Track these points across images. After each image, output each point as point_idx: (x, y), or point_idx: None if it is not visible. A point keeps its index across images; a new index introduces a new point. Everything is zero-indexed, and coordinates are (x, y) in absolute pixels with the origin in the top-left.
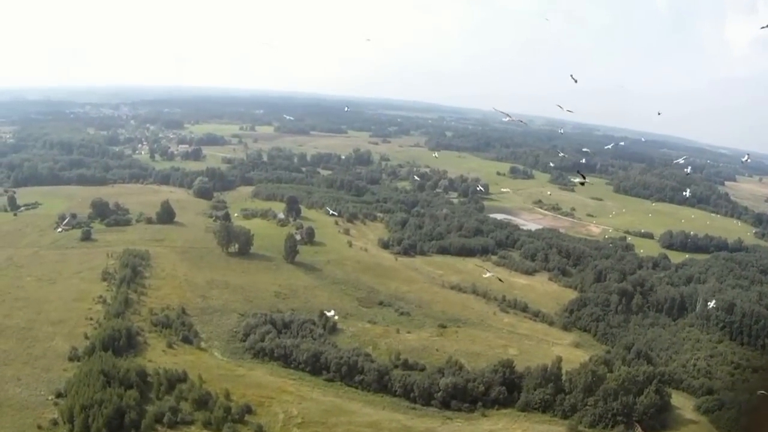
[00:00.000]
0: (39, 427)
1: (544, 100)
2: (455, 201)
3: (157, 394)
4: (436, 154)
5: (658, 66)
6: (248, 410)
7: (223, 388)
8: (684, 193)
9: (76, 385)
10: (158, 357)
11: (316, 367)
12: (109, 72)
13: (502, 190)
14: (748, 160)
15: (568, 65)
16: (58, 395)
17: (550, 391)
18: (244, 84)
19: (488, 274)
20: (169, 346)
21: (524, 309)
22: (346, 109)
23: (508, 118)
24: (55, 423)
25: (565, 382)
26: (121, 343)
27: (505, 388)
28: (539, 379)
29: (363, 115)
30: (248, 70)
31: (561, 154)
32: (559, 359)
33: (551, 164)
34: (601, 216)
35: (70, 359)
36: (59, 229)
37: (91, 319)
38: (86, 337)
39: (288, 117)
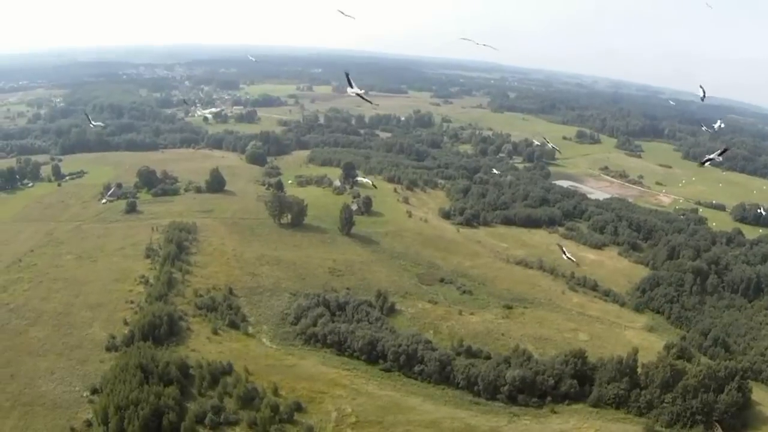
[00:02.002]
0: (72, 430)
1: (607, 60)
2: (520, 167)
3: (199, 390)
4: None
5: (731, 32)
6: (298, 408)
7: (271, 382)
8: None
9: (112, 382)
10: (202, 345)
11: (372, 355)
12: (165, 31)
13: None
14: None
15: (637, 28)
16: (94, 391)
17: (624, 385)
18: (300, 42)
19: (567, 256)
20: (214, 332)
21: (594, 287)
22: (252, 59)
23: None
24: (89, 424)
25: (641, 375)
26: (161, 330)
27: (577, 382)
28: (613, 373)
29: (424, 75)
30: (305, 28)
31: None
32: (635, 351)
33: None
34: (670, 185)
35: (108, 349)
36: (103, 201)
37: (132, 302)
38: (125, 323)
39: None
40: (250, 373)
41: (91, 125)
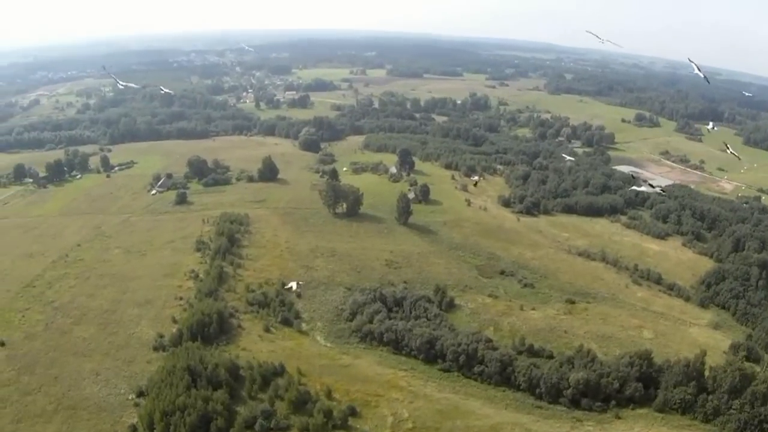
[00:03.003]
0: None
1: (662, 39)
2: (579, 151)
3: (250, 393)
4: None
5: None
6: (352, 412)
7: (324, 385)
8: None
9: (158, 385)
10: (253, 344)
11: (430, 354)
12: (216, 17)
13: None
14: None
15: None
16: (140, 394)
17: (691, 390)
18: (353, 25)
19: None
20: (266, 329)
21: (658, 281)
22: (248, 48)
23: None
24: (134, 430)
25: (709, 379)
26: (211, 329)
27: (642, 385)
28: (680, 376)
29: (479, 57)
30: (358, 10)
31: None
32: (703, 353)
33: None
34: (732, 171)
35: (155, 349)
36: (153, 192)
37: (181, 298)
38: (174, 321)
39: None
40: (303, 375)
41: (119, 85)
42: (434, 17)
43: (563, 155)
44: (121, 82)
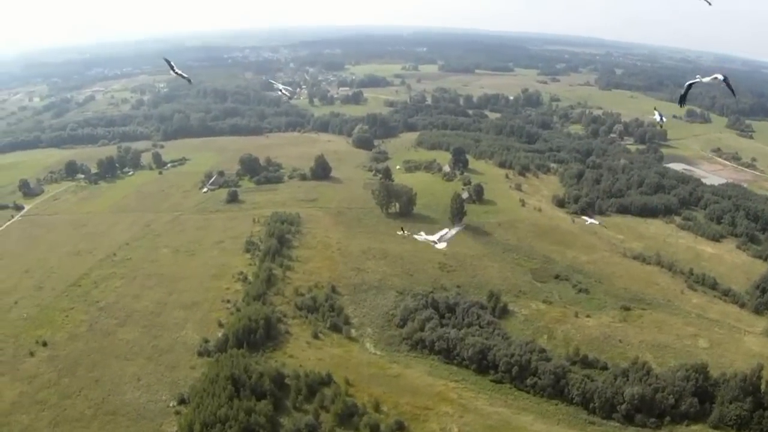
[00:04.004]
0: None
1: (708, 33)
2: (632, 148)
3: (294, 403)
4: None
5: None
6: (400, 427)
7: (372, 396)
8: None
9: (200, 394)
10: (301, 351)
11: (482, 365)
12: (270, 14)
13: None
14: None
15: None
16: (181, 401)
17: (748, 406)
18: (403, 21)
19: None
20: (315, 336)
21: (713, 286)
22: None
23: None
24: None
25: (765, 394)
26: (258, 335)
27: (697, 400)
28: (737, 391)
29: (528, 52)
30: (406, 6)
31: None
32: (760, 367)
33: None
34: None
35: (200, 354)
36: (204, 190)
37: (228, 301)
38: (220, 326)
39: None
40: (350, 385)
41: (172, 72)
42: (481, 12)
43: (622, 161)
44: (176, 69)
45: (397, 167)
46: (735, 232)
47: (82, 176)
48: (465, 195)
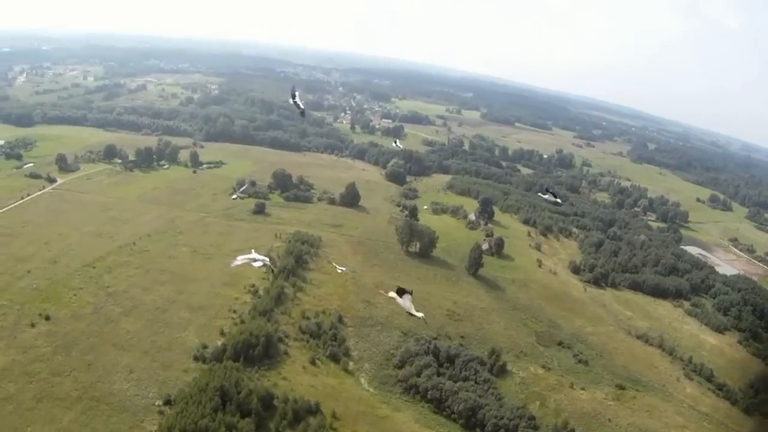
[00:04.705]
0: None
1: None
2: (653, 225)
3: (278, 427)
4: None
5: None
6: None
7: None
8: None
9: (186, 400)
10: (295, 375)
11: (470, 422)
12: (327, 37)
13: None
14: None
15: None
16: (167, 402)
17: None
18: (455, 64)
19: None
20: (312, 362)
21: (709, 378)
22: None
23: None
24: None
25: None
26: (256, 351)
27: None
28: None
29: (569, 113)
30: (462, 52)
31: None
32: None
33: None
34: None
35: (196, 359)
36: (234, 196)
37: (235, 312)
38: (222, 334)
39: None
40: (336, 418)
41: (291, 100)
42: (533, 68)
43: (642, 236)
44: (297, 99)
45: (425, 207)
46: (740, 326)
47: (119, 161)
48: (485, 246)
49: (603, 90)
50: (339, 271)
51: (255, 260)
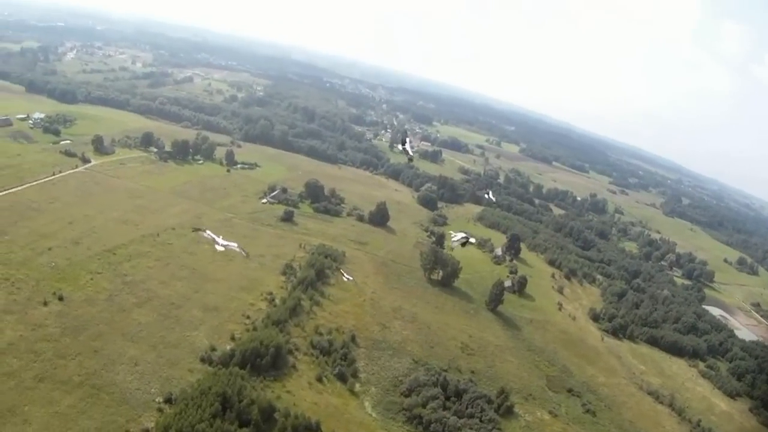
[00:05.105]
0: None
1: None
2: (678, 281)
3: None
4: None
5: None
6: None
7: None
8: None
9: (187, 401)
10: (300, 389)
11: None
12: (381, 53)
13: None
14: None
15: None
16: (167, 400)
17: None
18: (501, 95)
19: None
20: (319, 379)
21: None
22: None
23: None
24: None
25: None
26: (264, 360)
27: None
28: None
29: (607, 158)
30: (510, 84)
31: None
32: None
33: None
34: None
35: (203, 360)
36: (264, 200)
37: (248, 318)
38: (232, 338)
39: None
40: None
41: (400, 145)
42: (579, 108)
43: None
44: (407, 146)
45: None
46: (753, 393)
47: (155, 150)
48: (508, 283)
49: (644, 139)
50: (345, 279)
51: (223, 245)
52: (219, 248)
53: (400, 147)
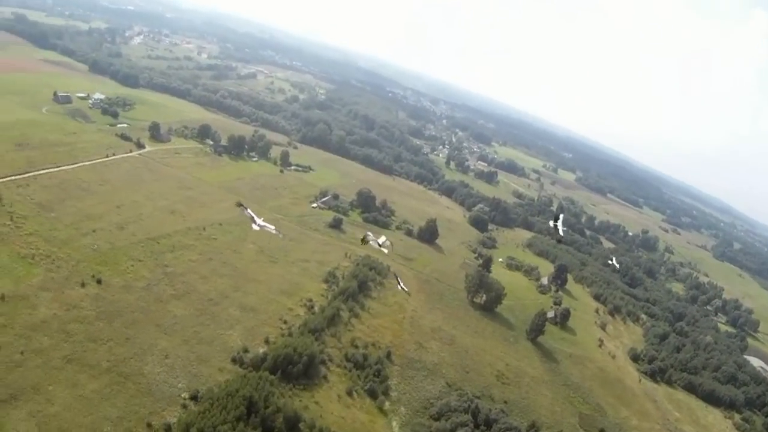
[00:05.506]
0: (148, 426)
1: None
2: (722, 327)
3: None
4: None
5: None
6: None
7: None
8: None
9: (212, 401)
10: (329, 402)
11: None
12: (448, 68)
13: None
14: None
15: None
16: (193, 397)
17: None
18: (562, 121)
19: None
20: (349, 393)
21: None
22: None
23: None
24: (167, 429)
25: None
26: (296, 369)
27: None
28: None
29: (662, 195)
30: (571, 110)
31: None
32: None
33: None
34: None
35: (234, 361)
36: (314, 205)
37: (285, 322)
38: (266, 342)
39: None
40: None
41: (552, 223)
42: (639, 141)
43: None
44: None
45: (499, 260)
46: None
47: (210, 143)
48: (551, 314)
49: (702, 177)
50: (400, 288)
51: (265, 226)
52: (255, 227)
53: (551, 224)
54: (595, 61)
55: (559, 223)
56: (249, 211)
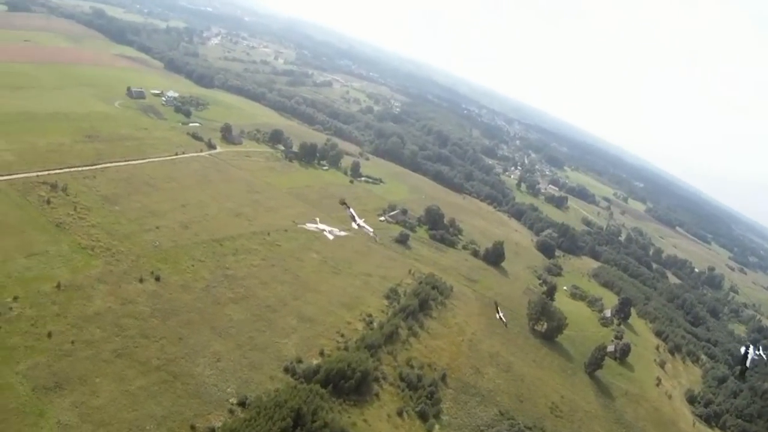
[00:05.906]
0: (192, 428)
1: None
2: None
3: None
4: None
5: None
6: None
7: None
8: None
9: (259, 410)
10: (377, 421)
11: None
12: (521, 89)
13: None
14: None
15: None
16: (241, 403)
17: None
18: (638, 149)
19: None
20: (399, 413)
21: None
22: None
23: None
24: None
25: None
26: (348, 384)
27: None
28: None
29: (732, 232)
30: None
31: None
32: None
33: None
34: None
35: (286, 370)
36: (382, 218)
37: (342, 336)
38: (321, 354)
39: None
40: None
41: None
42: (715, 175)
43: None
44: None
45: (564, 288)
46: None
47: (282, 148)
48: (610, 348)
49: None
50: (498, 318)
51: (324, 230)
52: (311, 227)
53: (743, 349)
54: (679, 94)
55: (752, 356)
56: (351, 210)
